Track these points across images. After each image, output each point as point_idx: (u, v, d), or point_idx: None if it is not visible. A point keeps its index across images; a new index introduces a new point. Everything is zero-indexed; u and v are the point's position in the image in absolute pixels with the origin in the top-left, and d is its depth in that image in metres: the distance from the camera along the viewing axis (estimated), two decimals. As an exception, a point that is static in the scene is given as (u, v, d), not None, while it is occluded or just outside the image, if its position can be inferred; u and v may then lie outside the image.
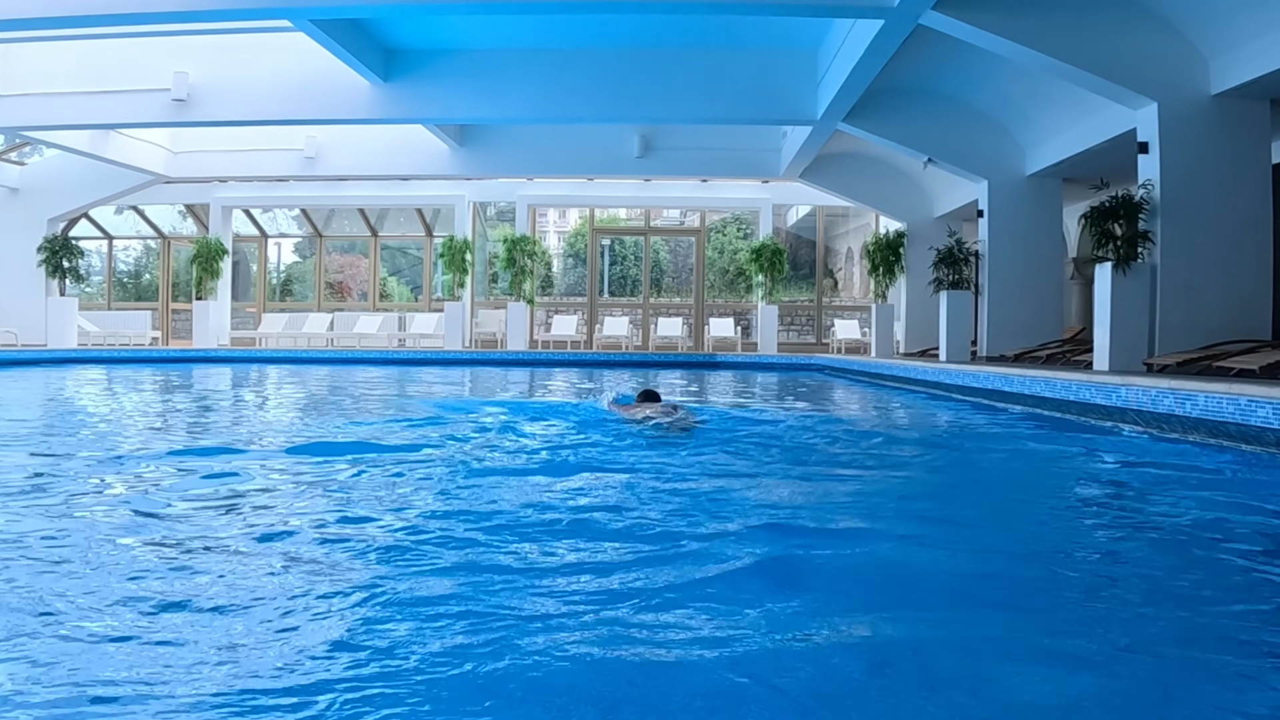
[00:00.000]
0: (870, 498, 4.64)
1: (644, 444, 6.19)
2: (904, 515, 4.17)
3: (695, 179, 21.81)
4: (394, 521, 3.78)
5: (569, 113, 15.75)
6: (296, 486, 4.71)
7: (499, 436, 6.71)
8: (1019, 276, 14.69)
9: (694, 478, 4.87)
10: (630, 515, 3.90)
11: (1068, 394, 8.71)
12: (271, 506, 4.19)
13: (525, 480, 4.82)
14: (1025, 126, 14.45)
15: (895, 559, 3.32)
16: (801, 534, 3.64)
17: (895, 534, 3.72)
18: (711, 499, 4.32)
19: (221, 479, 4.78)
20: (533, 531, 3.62)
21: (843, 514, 4.18)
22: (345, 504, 4.19)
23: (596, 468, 5.18)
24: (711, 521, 3.81)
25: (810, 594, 2.90)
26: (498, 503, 4.21)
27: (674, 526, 3.69)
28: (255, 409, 9.97)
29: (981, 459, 6.31)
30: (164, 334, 24.23)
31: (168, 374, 15.44)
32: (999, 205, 14.82)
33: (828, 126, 15.30)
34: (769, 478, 5.11)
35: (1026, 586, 3.07)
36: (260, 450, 6.02)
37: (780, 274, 21.57)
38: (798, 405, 10.46)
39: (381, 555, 3.26)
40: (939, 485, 5.26)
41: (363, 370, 17.00)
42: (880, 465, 5.76)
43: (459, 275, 21.46)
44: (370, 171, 20.79)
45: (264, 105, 15.75)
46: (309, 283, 25.67)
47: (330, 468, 5.25)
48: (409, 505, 4.17)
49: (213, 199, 22.97)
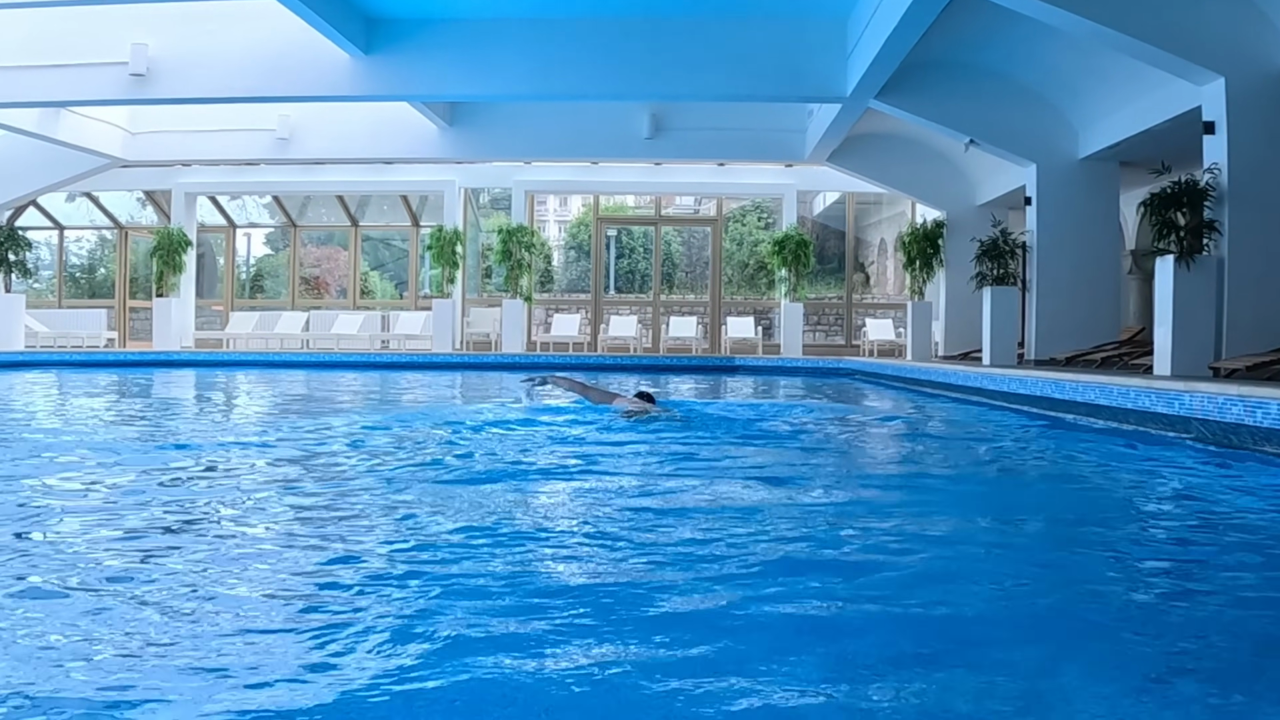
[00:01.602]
0: (917, 516, 4.68)
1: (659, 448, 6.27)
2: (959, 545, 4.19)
3: (711, 162, 21.86)
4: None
5: (571, 89, 15.80)
6: (281, 485, 4.78)
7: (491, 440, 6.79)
8: (1071, 271, 14.70)
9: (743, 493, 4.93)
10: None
11: (1125, 401, 8.73)
12: (242, 514, 4.26)
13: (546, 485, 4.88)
14: (1078, 104, 14.47)
15: (946, 598, 3.29)
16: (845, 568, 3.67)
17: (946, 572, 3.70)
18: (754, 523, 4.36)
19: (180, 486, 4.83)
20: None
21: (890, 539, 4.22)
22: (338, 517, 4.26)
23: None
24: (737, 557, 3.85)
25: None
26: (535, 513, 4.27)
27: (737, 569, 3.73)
28: (220, 417, 10.04)
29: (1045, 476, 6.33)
30: (121, 335, 24.36)
31: (125, 379, 15.53)
32: (1049, 192, 14.83)
33: (859, 104, 15.32)
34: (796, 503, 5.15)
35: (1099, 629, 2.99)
36: (215, 461, 6.09)
37: (806, 268, 21.60)
38: (821, 422, 10.48)
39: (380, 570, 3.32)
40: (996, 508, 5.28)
41: (343, 375, 17.06)
42: (920, 487, 5.79)
43: (449, 269, 21.53)
44: (350, 154, 20.87)
45: (232, 81, 15.81)
46: (282, 278, 25.79)
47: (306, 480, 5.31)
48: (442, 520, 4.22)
49: (175, 185, 23.09)
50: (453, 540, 3.84)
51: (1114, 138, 13.65)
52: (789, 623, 2.86)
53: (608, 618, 2.85)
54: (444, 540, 3.85)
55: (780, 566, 3.48)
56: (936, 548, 3.99)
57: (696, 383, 15.96)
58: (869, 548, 3.90)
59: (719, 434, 7.79)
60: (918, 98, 15.05)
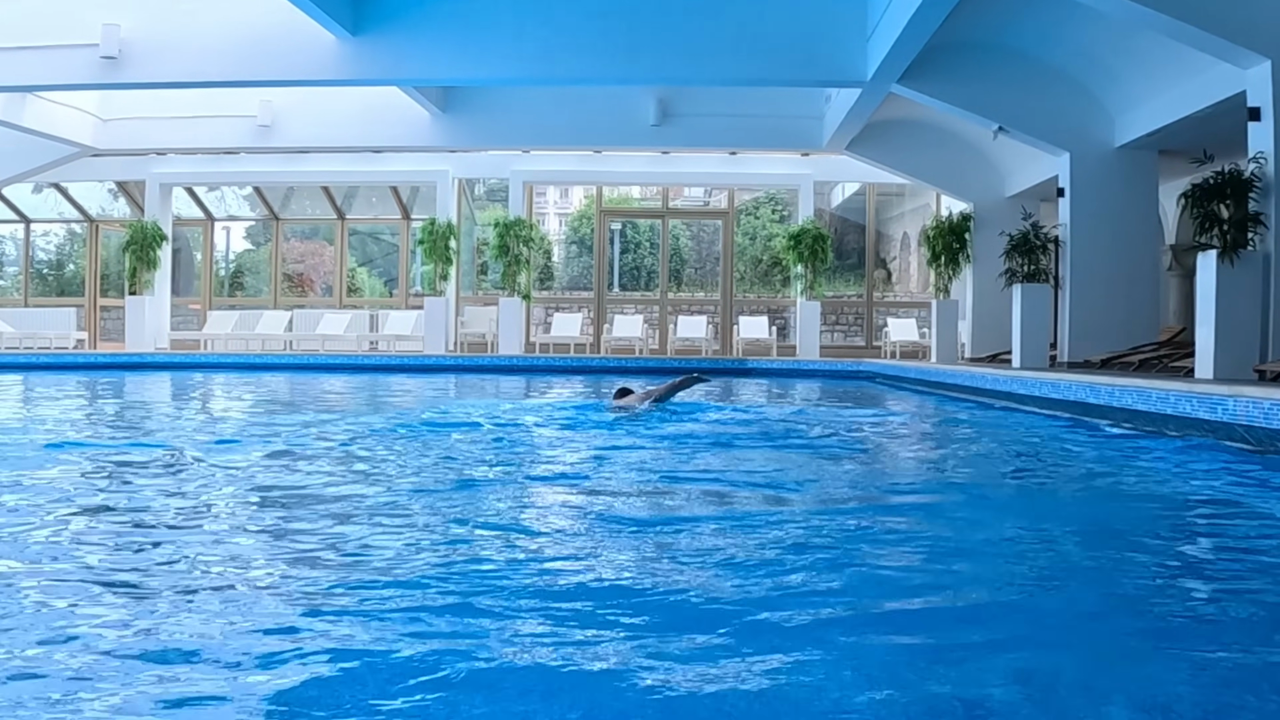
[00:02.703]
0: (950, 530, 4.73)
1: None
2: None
3: (722, 151, 21.89)
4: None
5: (573, 72, 15.84)
6: (284, 493, 4.84)
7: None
8: (1107, 267, 14.72)
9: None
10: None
11: (1164, 406, 8.74)
12: (241, 512, 4.31)
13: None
14: (1114, 89, 14.49)
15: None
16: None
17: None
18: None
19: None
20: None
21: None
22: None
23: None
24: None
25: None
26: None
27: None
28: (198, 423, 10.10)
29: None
30: (91, 335, 24.43)
31: (95, 382, 15.58)
32: (1083, 182, 14.86)
33: (880, 89, 15.35)
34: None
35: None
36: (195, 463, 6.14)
37: (823, 264, 21.63)
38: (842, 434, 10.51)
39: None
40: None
41: (328, 379, 17.12)
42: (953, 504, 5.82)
43: (442, 266, 21.57)
44: (336, 143, 20.96)
45: (210, 64, 15.85)
46: (263, 275, 25.87)
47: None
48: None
49: (149, 175, 23.13)
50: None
51: (1153, 125, 13.67)
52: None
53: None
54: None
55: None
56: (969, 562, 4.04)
57: (708, 387, 15.93)
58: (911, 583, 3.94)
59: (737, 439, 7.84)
60: (943, 82, 15.07)
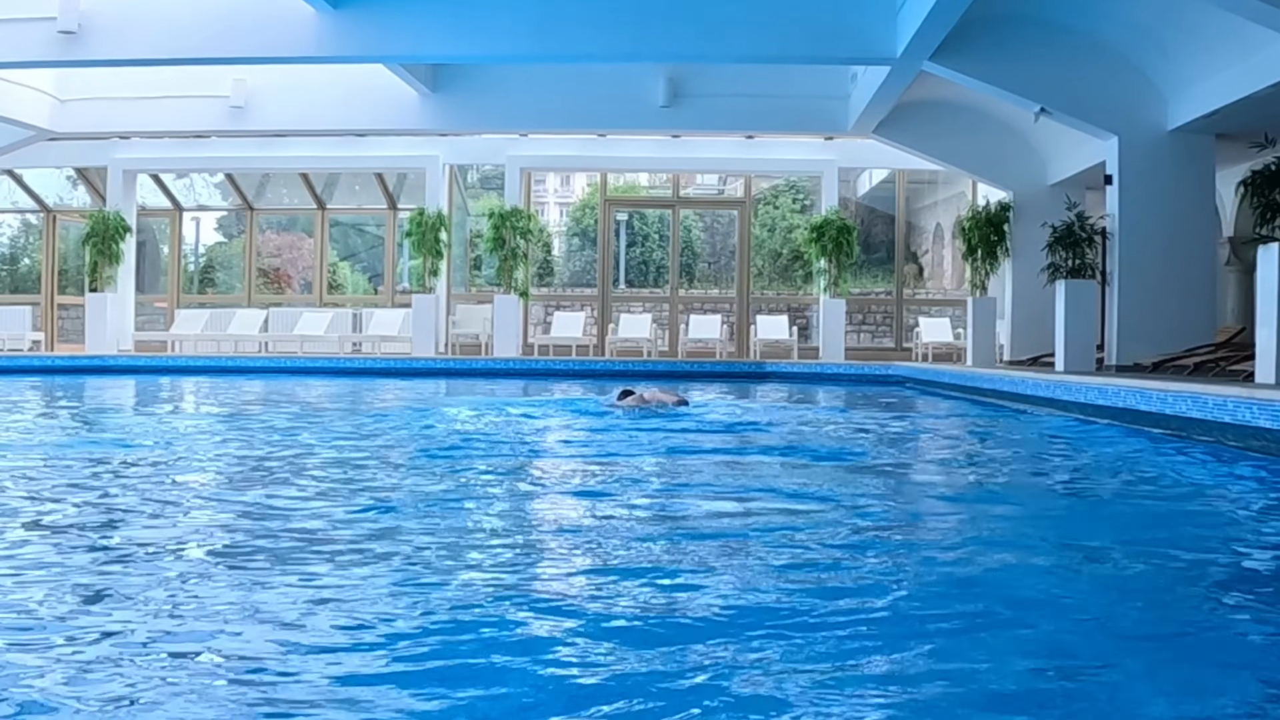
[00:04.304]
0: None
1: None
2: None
3: (738, 135, 21.92)
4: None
5: (574, 48, 15.88)
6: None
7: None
8: (1159, 261, 14.71)
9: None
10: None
11: (1221, 414, 8.76)
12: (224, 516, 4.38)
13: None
14: (1166, 67, 14.49)
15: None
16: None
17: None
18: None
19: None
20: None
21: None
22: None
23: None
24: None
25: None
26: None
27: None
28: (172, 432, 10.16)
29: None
30: (48, 336, 24.48)
31: (51, 388, 15.64)
32: (1133, 169, 14.86)
33: (911, 66, 15.36)
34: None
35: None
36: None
37: (849, 258, 21.60)
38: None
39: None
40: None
41: (309, 383, 17.16)
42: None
43: (431, 260, 21.58)
44: (316, 125, 21.00)
45: (178, 39, 15.89)
46: (236, 270, 25.93)
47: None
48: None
49: (111, 161, 23.19)
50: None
51: (1209, 106, 13.67)
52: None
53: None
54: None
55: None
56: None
57: (722, 392, 15.99)
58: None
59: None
60: (980, 59, 15.07)
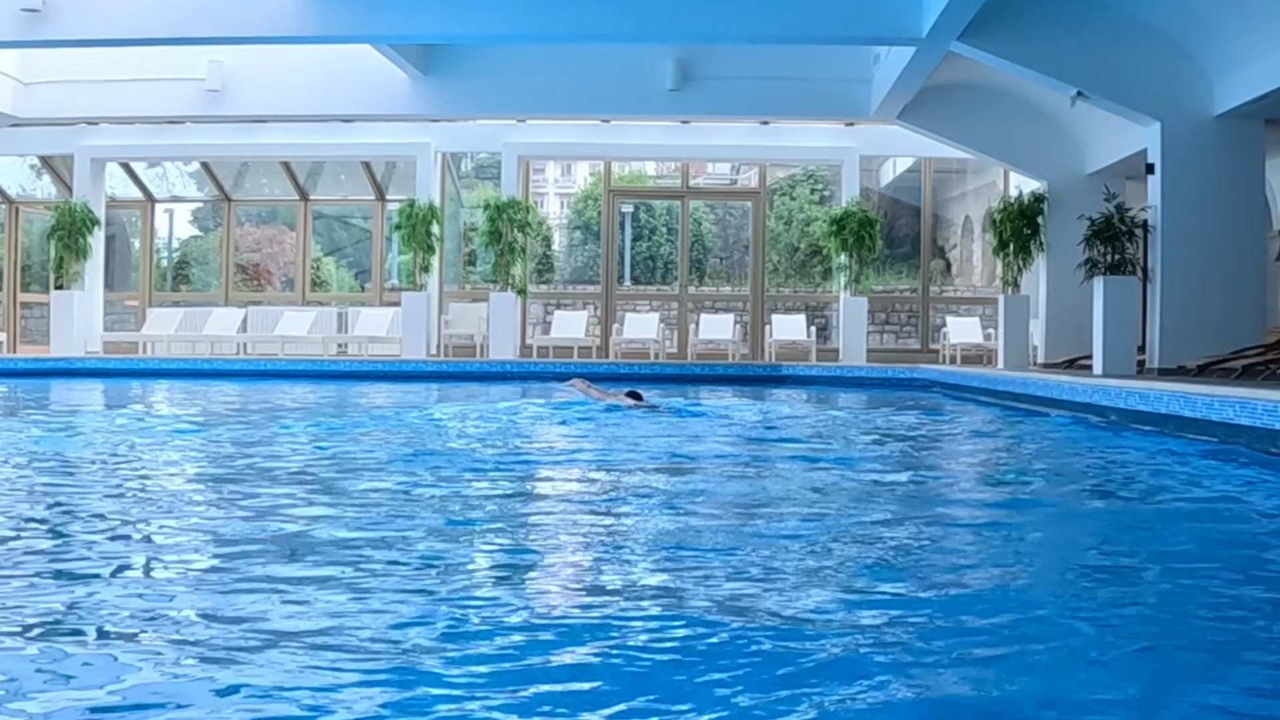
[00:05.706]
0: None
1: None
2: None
3: (752, 120, 21.95)
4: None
5: (577, 28, 15.92)
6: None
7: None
8: (1204, 256, 14.71)
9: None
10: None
11: (1273, 421, 8.76)
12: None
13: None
14: (1212, 47, 14.50)
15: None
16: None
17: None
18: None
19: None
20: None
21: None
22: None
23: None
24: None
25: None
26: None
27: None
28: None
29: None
30: (11, 336, 24.52)
31: (12, 393, 15.67)
32: (1177, 157, 14.86)
33: (938, 47, 15.39)
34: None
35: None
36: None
37: (871, 253, 21.62)
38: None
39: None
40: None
41: (290, 388, 17.19)
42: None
43: (422, 255, 21.59)
44: (299, 110, 21.04)
45: (150, 18, 15.92)
46: (213, 266, 25.97)
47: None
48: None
49: (78, 149, 23.20)
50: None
51: (1259, 89, 13.66)
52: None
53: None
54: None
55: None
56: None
57: (736, 397, 15.98)
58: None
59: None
60: (1012, 39, 15.08)
